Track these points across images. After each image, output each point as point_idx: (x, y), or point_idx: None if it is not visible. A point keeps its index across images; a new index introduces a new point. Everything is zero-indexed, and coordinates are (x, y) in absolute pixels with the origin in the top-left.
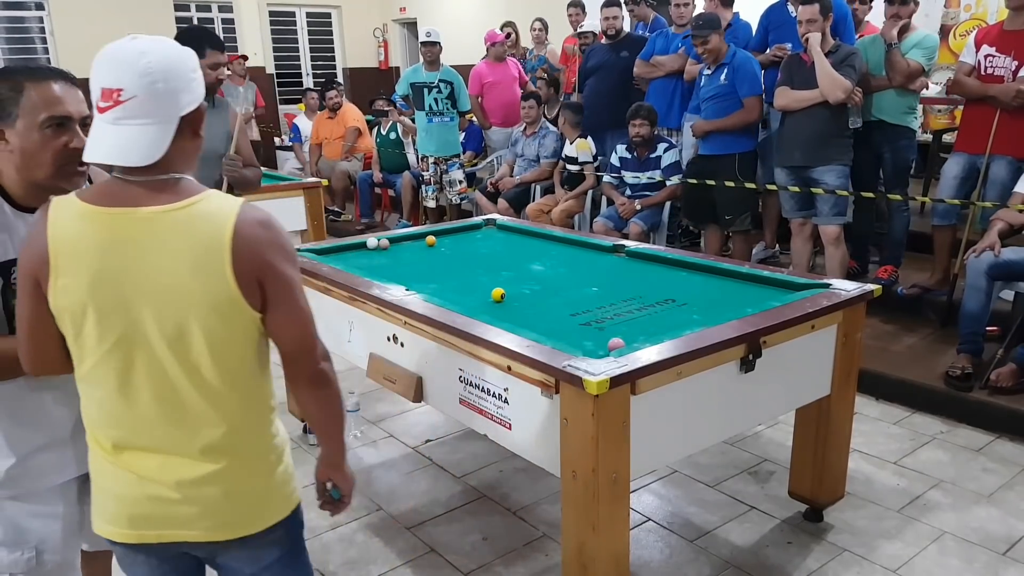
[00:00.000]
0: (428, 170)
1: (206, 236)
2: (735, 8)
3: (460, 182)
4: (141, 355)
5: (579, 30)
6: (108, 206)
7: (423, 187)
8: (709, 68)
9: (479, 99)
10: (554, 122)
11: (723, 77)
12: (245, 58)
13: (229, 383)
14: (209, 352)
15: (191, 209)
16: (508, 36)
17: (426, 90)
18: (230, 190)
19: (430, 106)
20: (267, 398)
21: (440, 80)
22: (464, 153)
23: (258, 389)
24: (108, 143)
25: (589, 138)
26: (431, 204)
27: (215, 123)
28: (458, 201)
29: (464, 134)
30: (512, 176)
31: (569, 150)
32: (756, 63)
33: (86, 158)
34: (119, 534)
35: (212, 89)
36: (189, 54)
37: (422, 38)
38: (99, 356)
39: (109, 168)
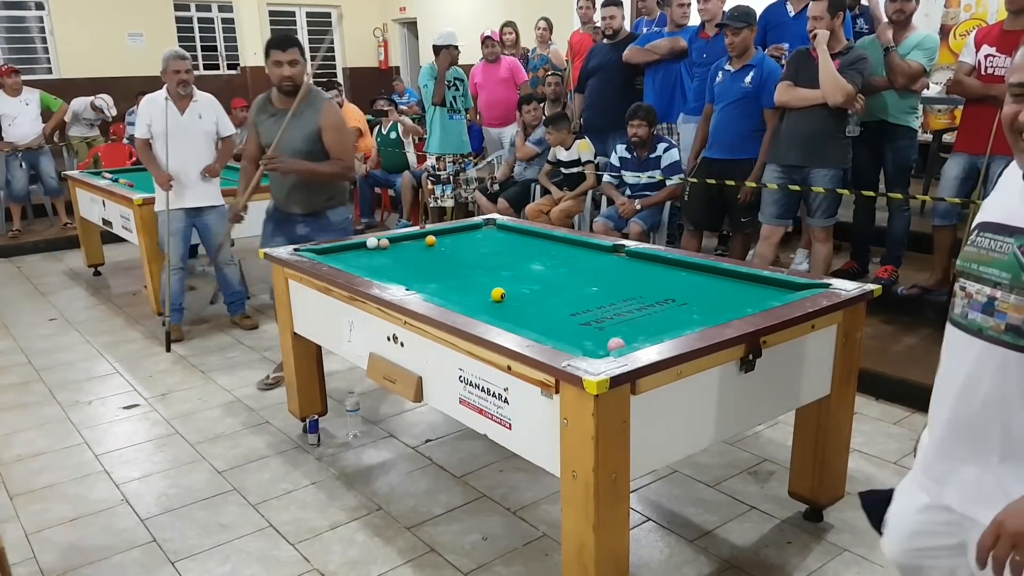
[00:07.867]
0: (446, 169)
1: None
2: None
3: (475, 180)
4: None
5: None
6: None
7: (439, 186)
8: (731, 65)
9: (474, 98)
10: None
11: (748, 79)
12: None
13: None
14: None
15: None
16: (500, 36)
17: (447, 87)
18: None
19: (450, 103)
20: None
21: (455, 78)
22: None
23: None
24: None
25: (586, 138)
26: (449, 203)
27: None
28: (474, 200)
29: None
30: (512, 176)
31: (562, 154)
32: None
33: None
34: None
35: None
36: None
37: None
38: None
39: None
